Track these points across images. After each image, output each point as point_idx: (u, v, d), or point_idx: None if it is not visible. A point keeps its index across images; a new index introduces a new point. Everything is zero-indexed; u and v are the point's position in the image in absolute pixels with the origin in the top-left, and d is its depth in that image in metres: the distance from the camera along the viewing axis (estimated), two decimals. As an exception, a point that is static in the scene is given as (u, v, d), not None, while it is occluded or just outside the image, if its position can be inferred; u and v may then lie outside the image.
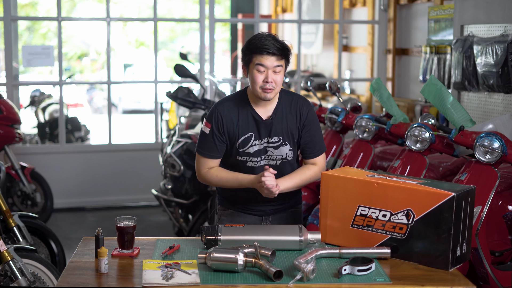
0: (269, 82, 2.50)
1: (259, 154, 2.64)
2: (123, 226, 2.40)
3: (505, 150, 3.06)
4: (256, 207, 2.73)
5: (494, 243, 3.32)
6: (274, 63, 2.50)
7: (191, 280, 2.15)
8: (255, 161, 2.65)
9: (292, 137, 2.65)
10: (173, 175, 4.65)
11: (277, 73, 2.52)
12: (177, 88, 4.75)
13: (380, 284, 2.15)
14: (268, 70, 2.51)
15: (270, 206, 2.73)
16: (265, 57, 2.49)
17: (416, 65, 6.04)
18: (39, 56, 6.00)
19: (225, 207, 2.79)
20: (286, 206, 2.75)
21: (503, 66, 4.28)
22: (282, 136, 2.63)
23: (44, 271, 3.32)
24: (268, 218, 2.75)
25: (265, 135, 2.62)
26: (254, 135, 2.62)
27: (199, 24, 6.25)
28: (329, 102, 6.87)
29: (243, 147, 2.63)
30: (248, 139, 2.62)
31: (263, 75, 2.51)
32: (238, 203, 2.75)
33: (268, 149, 2.63)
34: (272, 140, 2.63)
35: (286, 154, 2.66)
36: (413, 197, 2.30)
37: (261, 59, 2.50)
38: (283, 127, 2.63)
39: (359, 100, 5.37)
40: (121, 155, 6.29)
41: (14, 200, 5.51)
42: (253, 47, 2.52)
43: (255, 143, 2.62)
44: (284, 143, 2.64)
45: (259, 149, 2.63)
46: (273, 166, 2.64)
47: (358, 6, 7.16)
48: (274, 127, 2.62)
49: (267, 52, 2.49)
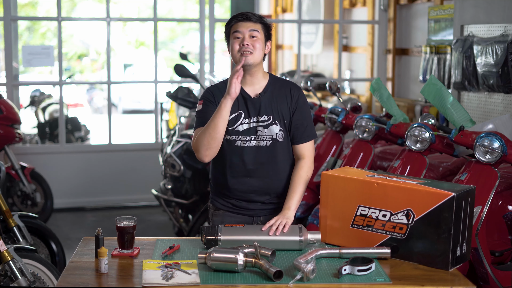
0: (245, 44, 2.55)
1: (249, 134, 2.62)
2: (123, 226, 2.40)
3: (505, 150, 3.06)
4: (247, 206, 2.69)
5: (494, 243, 3.32)
6: (249, 27, 2.57)
7: (191, 280, 2.15)
8: (244, 140, 2.62)
9: (283, 117, 2.64)
10: (173, 175, 4.66)
11: (254, 38, 2.57)
12: (177, 88, 4.75)
13: (380, 284, 2.15)
14: (244, 35, 2.57)
15: (260, 204, 2.69)
16: (240, 23, 2.58)
17: (416, 65, 6.04)
18: (39, 56, 6.01)
19: (216, 207, 2.76)
20: (277, 206, 2.70)
21: (503, 66, 4.28)
22: (272, 115, 2.62)
23: (44, 271, 3.32)
24: (259, 219, 2.71)
25: (254, 113, 2.62)
26: (244, 113, 2.62)
27: (199, 24, 6.25)
28: (329, 102, 6.87)
29: (233, 125, 2.61)
30: (237, 117, 2.62)
31: (239, 40, 2.58)
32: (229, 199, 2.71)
33: (258, 128, 2.62)
34: (262, 119, 2.62)
35: (277, 134, 2.63)
36: (413, 197, 2.30)
37: (237, 26, 2.59)
38: (273, 106, 2.63)
39: (359, 100, 5.37)
40: (121, 155, 6.29)
41: (14, 200, 5.52)
42: (231, 18, 2.64)
43: (244, 121, 2.62)
44: (274, 122, 2.62)
45: (248, 127, 2.62)
46: (264, 148, 2.61)
47: (358, 6, 7.16)
48: (263, 105, 2.62)
49: (242, 17, 2.59)
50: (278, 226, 2.47)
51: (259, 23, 2.60)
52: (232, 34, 2.59)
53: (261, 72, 2.65)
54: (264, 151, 2.62)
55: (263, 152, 2.63)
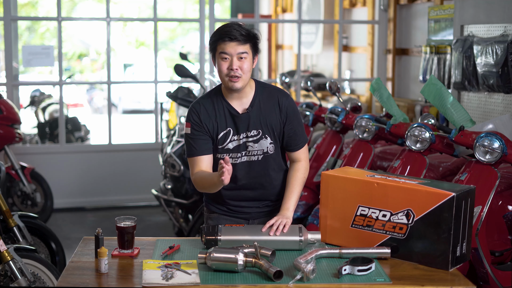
0: (233, 69, 2.45)
1: (239, 150, 2.58)
2: (123, 226, 2.40)
3: (505, 150, 3.06)
4: (242, 209, 2.67)
5: (494, 243, 3.32)
6: (237, 49, 2.45)
7: (191, 280, 2.15)
8: (235, 157, 2.58)
9: (272, 130, 2.59)
10: (173, 175, 4.66)
11: (242, 59, 2.47)
12: (177, 88, 4.75)
13: (380, 284, 2.15)
14: (232, 57, 2.46)
15: (255, 208, 2.68)
16: (227, 43, 2.45)
17: (416, 65, 6.04)
18: (39, 56, 6.01)
19: (210, 210, 2.74)
20: (272, 209, 2.69)
21: (503, 66, 4.28)
22: (261, 129, 2.57)
23: (44, 271, 3.32)
24: (255, 222, 2.69)
25: (243, 129, 2.56)
26: (233, 130, 2.56)
27: (199, 24, 6.25)
28: (329, 102, 6.87)
29: (222, 143, 2.57)
30: (226, 134, 2.57)
31: (227, 62, 2.46)
32: (223, 204, 2.69)
33: (248, 144, 2.57)
34: (251, 134, 2.56)
35: (267, 147, 2.59)
36: (413, 197, 2.30)
37: (224, 47, 2.45)
38: (262, 120, 2.57)
39: (359, 100, 5.38)
40: (121, 155, 6.29)
41: (14, 200, 5.51)
42: (216, 35, 2.49)
43: (233, 138, 2.57)
44: (264, 137, 2.58)
45: (238, 144, 2.57)
46: (256, 162, 2.59)
47: (358, 6, 7.16)
48: (252, 121, 2.56)
49: (229, 38, 2.44)
50: (278, 226, 2.46)
51: (247, 43, 2.48)
52: (219, 54, 2.47)
53: (248, 85, 2.56)
54: (256, 165, 2.60)
55: (255, 167, 2.60)
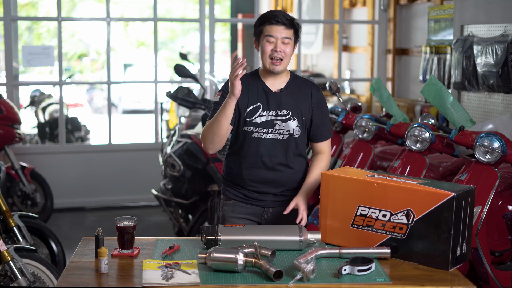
0: (277, 51, 2.60)
1: (266, 126, 2.67)
2: (123, 226, 2.40)
3: (505, 150, 3.06)
4: (258, 197, 2.73)
5: (494, 243, 3.32)
6: (283, 33, 2.60)
7: (191, 280, 2.15)
8: (261, 132, 2.67)
9: (301, 114, 2.69)
10: (173, 175, 4.65)
11: (286, 44, 2.61)
12: (177, 88, 4.75)
13: (380, 284, 2.15)
14: (277, 40, 2.60)
15: (272, 196, 2.73)
16: (274, 27, 2.60)
17: (416, 65, 6.04)
18: (39, 56, 6.01)
19: (227, 197, 2.81)
20: (288, 199, 2.74)
21: (503, 66, 4.28)
22: (291, 110, 2.67)
23: (44, 271, 3.32)
24: (269, 211, 2.75)
25: (274, 107, 2.67)
26: (263, 106, 2.67)
27: (199, 24, 6.25)
28: (329, 102, 6.87)
29: (251, 116, 2.67)
30: (256, 109, 2.67)
31: (272, 45, 2.61)
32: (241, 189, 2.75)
33: (276, 122, 2.67)
34: (281, 113, 2.67)
35: (294, 129, 2.68)
36: (413, 197, 2.30)
37: (270, 30, 2.60)
38: (293, 102, 2.68)
39: (359, 100, 5.37)
40: (121, 155, 6.29)
41: (14, 200, 5.51)
42: (264, 18, 2.64)
43: (263, 113, 2.67)
44: (293, 118, 2.68)
45: (266, 120, 2.67)
46: (280, 141, 2.68)
47: (358, 6, 7.16)
48: (283, 100, 2.67)
49: (276, 21, 2.59)
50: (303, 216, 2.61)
51: (292, 29, 2.63)
52: (265, 36, 2.62)
53: (284, 72, 2.72)
54: (279, 144, 2.68)
55: (278, 145, 2.68)
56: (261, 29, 2.64)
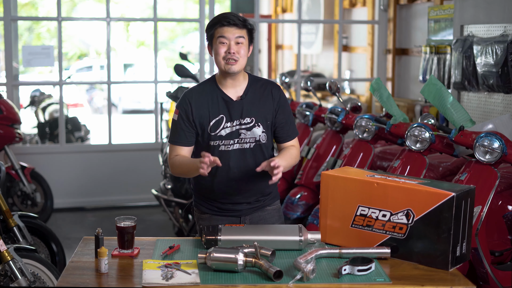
0: (231, 52, 2.53)
1: (232, 137, 2.61)
2: (123, 226, 2.41)
3: (505, 150, 3.06)
4: (233, 207, 2.68)
5: (494, 243, 3.32)
6: (235, 33, 2.54)
7: (191, 280, 2.15)
8: (228, 145, 2.61)
9: (265, 118, 2.64)
10: (173, 175, 4.65)
11: (240, 44, 2.55)
12: (177, 88, 4.75)
13: (380, 284, 2.15)
14: (230, 41, 2.54)
15: (246, 204, 2.69)
16: (226, 28, 2.54)
17: (416, 65, 6.04)
18: (39, 56, 6.00)
19: (201, 211, 2.74)
20: (262, 204, 2.72)
21: (503, 66, 4.28)
22: (254, 116, 2.62)
23: (44, 271, 3.32)
24: (246, 218, 2.71)
25: (236, 116, 2.60)
26: (225, 117, 2.60)
27: (199, 24, 6.25)
28: (329, 102, 6.87)
29: (215, 130, 2.60)
30: (219, 121, 2.60)
31: (225, 46, 2.55)
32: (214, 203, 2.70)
33: (241, 131, 2.61)
34: (244, 121, 2.61)
35: (260, 136, 2.63)
36: (413, 197, 2.30)
37: (222, 31, 2.54)
38: (255, 108, 2.62)
39: (359, 100, 5.38)
40: (121, 155, 6.29)
41: (14, 200, 5.51)
42: (215, 20, 2.58)
43: (226, 125, 2.60)
44: (257, 124, 2.62)
45: (231, 131, 2.61)
46: (248, 150, 2.62)
47: (358, 6, 7.16)
48: (245, 108, 2.61)
49: (227, 22, 2.54)
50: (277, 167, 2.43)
51: (244, 29, 2.57)
52: (217, 38, 2.55)
53: (242, 74, 2.64)
54: (247, 153, 2.63)
55: (247, 155, 2.63)
56: (213, 32, 2.57)
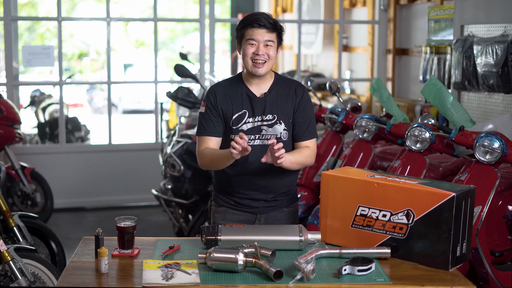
0: (260, 54, 2.54)
1: (253, 133, 2.62)
2: (123, 226, 2.41)
3: (505, 150, 3.06)
4: (250, 203, 2.70)
5: (494, 243, 3.32)
6: (265, 36, 2.55)
7: (191, 280, 2.15)
8: (249, 140, 2.61)
9: (287, 116, 2.65)
10: (173, 175, 4.65)
11: (268, 46, 2.56)
12: (177, 88, 4.75)
13: (380, 284, 2.15)
14: (259, 43, 2.56)
15: (263, 202, 2.70)
16: (256, 30, 2.54)
17: (416, 65, 6.04)
18: (39, 56, 6.01)
19: (218, 203, 2.77)
20: (280, 204, 2.73)
21: (503, 66, 4.28)
22: (276, 114, 2.63)
23: (44, 271, 3.32)
24: (262, 217, 2.72)
25: (259, 112, 2.62)
26: (248, 113, 2.62)
27: (199, 24, 6.25)
28: (329, 102, 6.87)
29: (237, 124, 2.62)
30: (241, 116, 2.62)
31: (253, 48, 2.56)
32: (232, 197, 2.71)
33: (262, 127, 2.62)
34: (266, 118, 2.62)
35: (281, 133, 2.64)
36: (413, 197, 2.30)
37: (252, 33, 2.55)
38: (278, 106, 2.64)
39: (359, 100, 5.37)
40: (121, 155, 6.29)
41: (14, 200, 5.51)
42: (246, 21, 2.58)
43: (248, 120, 2.62)
44: (279, 122, 2.64)
45: (252, 126, 2.62)
46: (268, 146, 2.59)
47: (358, 6, 7.16)
48: (268, 104, 2.63)
49: (258, 24, 2.54)
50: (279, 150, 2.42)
51: (275, 32, 2.58)
52: (247, 40, 2.57)
53: (269, 73, 2.66)
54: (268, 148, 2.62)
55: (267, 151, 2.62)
56: (243, 32, 2.58)
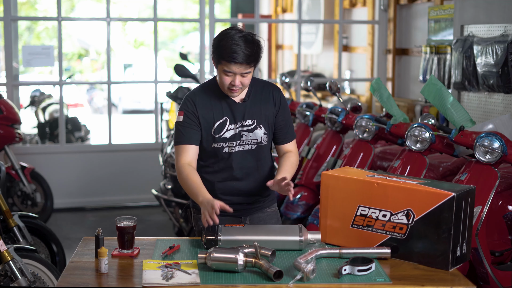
0: (236, 85, 2.51)
1: (234, 139, 2.62)
2: (123, 226, 2.41)
3: (505, 150, 3.06)
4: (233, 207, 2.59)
5: (494, 243, 3.32)
6: (242, 70, 2.48)
7: (191, 280, 2.15)
8: (232, 146, 2.62)
9: (266, 120, 2.66)
10: (173, 175, 4.66)
11: (245, 75, 2.51)
12: (177, 88, 4.75)
13: (380, 284, 2.15)
14: (236, 75, 2.49)
15: (246, 205, 2.71)
16: (233, 65, 2.46)
17: (416, 65, 6.04)
18: (39, 56, 6.00)
19: (199, 210, 2.66)
20: (262, 205, 2.74)
21: (503, 66, 4.28)
22: (256, 118, 2.63)
23: (44, 271, 3.32)
24: (247, 218, 2.72)
25: (239, 118, 2.62)
26: (229, 119, 2.61)
27: (199, 24, 6.25)
28: (329, 102, 6.87)
29: (219, 132, 2.61)
30: (223, 123, 2.61)
31: (230, 78, 2.50)
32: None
33: (243, 133, 2.62)
34: (246, 123, 2.62)
35: (261, 137, 2.64)
36: (413, 197, 2.30)
37: (229, 67, 2.47)
38: (257, 110, 2.64)
39: (359, 100, 5.37)
40: (121, 155, 6.29)
41: (14, 200, 5.51)
42: (222, 52, 2.47)
43: (230, 127, 2.61)
44: (259, 126, 2.64)
45: (234, 133, 2.62)
46: (249, 152, 2.64)
47: (358, 6, 7.16)
48: (247, 110, 2.62)
49: (234, 62, 2.45)
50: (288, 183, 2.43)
51: (253, 64, 2.49)
52: (223, 69, 2.48)
53: None
54: (249, 154, 2.65)
55: (248, 156, 2.65)
56: (219, 60, 2.49)
